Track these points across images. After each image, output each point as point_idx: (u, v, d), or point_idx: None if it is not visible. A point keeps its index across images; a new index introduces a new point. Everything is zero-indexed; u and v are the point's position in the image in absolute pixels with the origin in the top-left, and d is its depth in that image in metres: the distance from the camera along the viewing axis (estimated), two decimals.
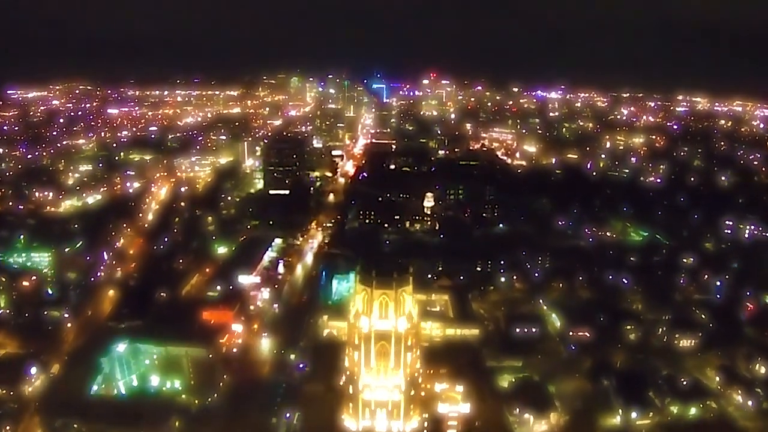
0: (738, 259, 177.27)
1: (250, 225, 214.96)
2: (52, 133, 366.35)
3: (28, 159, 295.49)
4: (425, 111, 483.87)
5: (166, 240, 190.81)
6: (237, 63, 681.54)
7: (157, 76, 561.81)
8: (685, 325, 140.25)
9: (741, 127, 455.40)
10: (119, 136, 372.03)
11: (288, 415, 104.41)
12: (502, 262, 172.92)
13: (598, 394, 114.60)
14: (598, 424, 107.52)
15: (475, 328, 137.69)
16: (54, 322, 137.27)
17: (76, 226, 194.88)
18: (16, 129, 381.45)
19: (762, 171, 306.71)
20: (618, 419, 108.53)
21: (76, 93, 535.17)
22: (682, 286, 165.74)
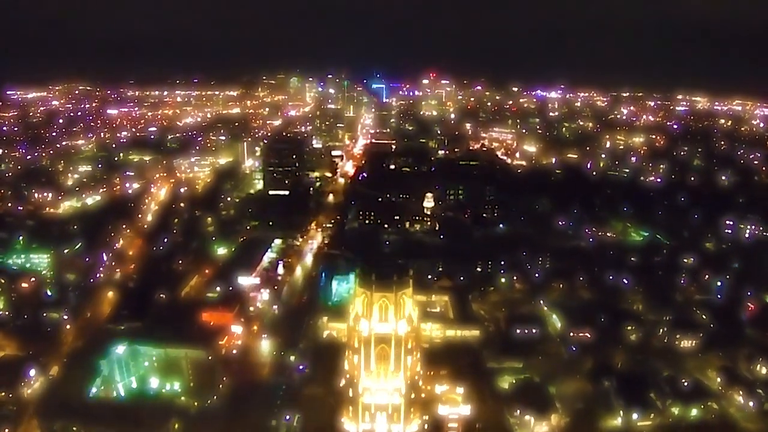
0: (739, 259, 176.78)
1: (250, 226, 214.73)
2: (52, 134, 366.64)
3: (27, 160, 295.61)
4: (425, 111, 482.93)
5: (165, 241, 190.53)
6: (236, 63, 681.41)
7: (157, 77, 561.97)
8: (686, 325, 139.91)
9: (741, 127, 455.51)
10: (119, 136, 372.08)
11: (288, 417, 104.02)
12: (502, 263, 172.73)
13: (598, 395, 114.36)
14: (598, 426, 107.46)
15: (475, 329, 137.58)
16: (53, 323, 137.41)
17: (76, 227, 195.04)
18: (16, 129, 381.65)
19: (762, 170, 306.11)
20: (619, 420, 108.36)
21: (76, 93, 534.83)
22: (682, 286, 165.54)
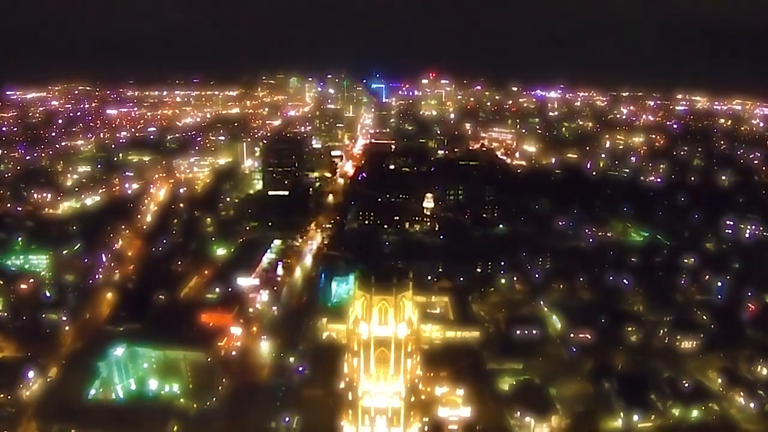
0: (739, 259, 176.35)
1: (249, 226, 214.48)
2: (51, 134, 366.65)
3: (26, 160, 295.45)
4: (424, 111, 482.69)
5: (164, 242, 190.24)
6: (236, 63, 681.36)
7: (157, 77, 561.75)
8: (687, 326, 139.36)
9: (741, 126, 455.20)
10: (118, 136, 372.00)
11: (287, 419, 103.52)
12: (502, 263, 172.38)
13: (599, 396, 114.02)
14: (599, 427, 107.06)
15: (475, 330, 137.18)
16: (52, 325, 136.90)
17: (75, 227, 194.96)
18: (15, 130, 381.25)
19: (762, 170, 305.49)
20: (619, 422, 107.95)
21: (75, 94, 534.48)
22: (683, 286, 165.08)
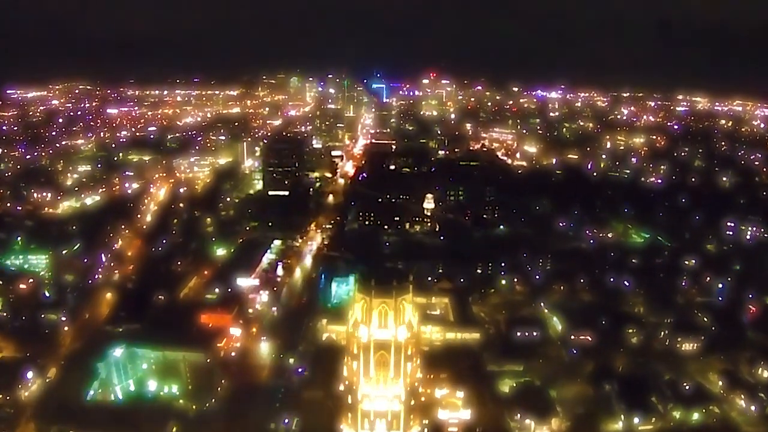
0: (740, 260, 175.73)
1: (249, 226, 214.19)
2: (51, 134, 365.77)
3: (26, 159, 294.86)
4: (425, 111, 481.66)
5: (164, 242, 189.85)
6: (237, 63, 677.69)
7: (157, 76, 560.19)
8: (688, 328, 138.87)
9: (741, 127, 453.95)
10: (118, 136, 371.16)
11: (287, 420, 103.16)
12: (502, 264, 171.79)
13: (599, 399, 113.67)
14: (600, 429, 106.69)
15: (475, 331, 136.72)
16: (51, 325, 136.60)
17: (74, 227, 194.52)
18: (15, 129, 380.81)
19: (763, 171, 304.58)
20: (620, 424, 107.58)
21: (76, 93, 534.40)
22: (683, 288, 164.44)
